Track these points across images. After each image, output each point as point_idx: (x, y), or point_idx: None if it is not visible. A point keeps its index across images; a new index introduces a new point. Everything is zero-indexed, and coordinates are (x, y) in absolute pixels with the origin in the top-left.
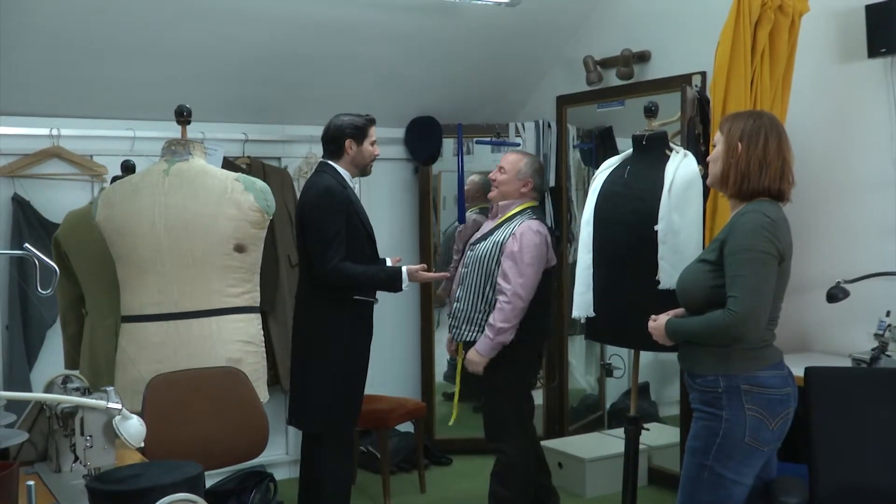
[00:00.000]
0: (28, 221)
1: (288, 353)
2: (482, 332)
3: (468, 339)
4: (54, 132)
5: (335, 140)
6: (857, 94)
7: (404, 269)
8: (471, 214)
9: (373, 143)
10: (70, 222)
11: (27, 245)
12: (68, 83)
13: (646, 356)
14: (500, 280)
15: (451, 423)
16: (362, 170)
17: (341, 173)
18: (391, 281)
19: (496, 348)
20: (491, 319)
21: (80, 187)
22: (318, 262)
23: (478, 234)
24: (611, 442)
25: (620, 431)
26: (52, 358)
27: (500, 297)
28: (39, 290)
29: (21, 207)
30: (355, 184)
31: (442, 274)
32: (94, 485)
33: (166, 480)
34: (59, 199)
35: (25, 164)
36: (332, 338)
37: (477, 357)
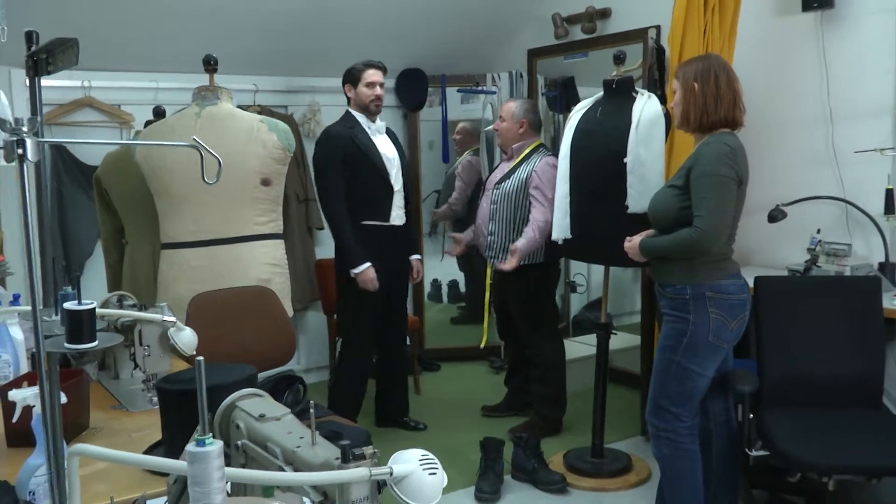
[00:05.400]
0: (65, 164)
1: (297, 278)
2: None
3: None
4: (86, 84)
5: (342, 86)
6: (792, 43)
7: (364, 266)
8: (466, 156)
9: (368, 85)
10: (109, 162)
11: (195, 138)
12: (98, 39)
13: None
14: (533, 210)
15: (482, 346)
16: (364, 109)
17: (355, 116)
18: (350, 258)
19: (533, 247)
20: (531, 231)
21: (109, 133)
22: (321, 202)
23: (499, 175)
24: (576, 347)
25: (583, 338)
26: (92, 285)
27: (539, 218)
28: (206, 179)
29: (59, 152)
30: (379, 125)
31: None
32: (164, 385)
33: (229, 379)
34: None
35: (61, 113)
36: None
37: (518, 253)
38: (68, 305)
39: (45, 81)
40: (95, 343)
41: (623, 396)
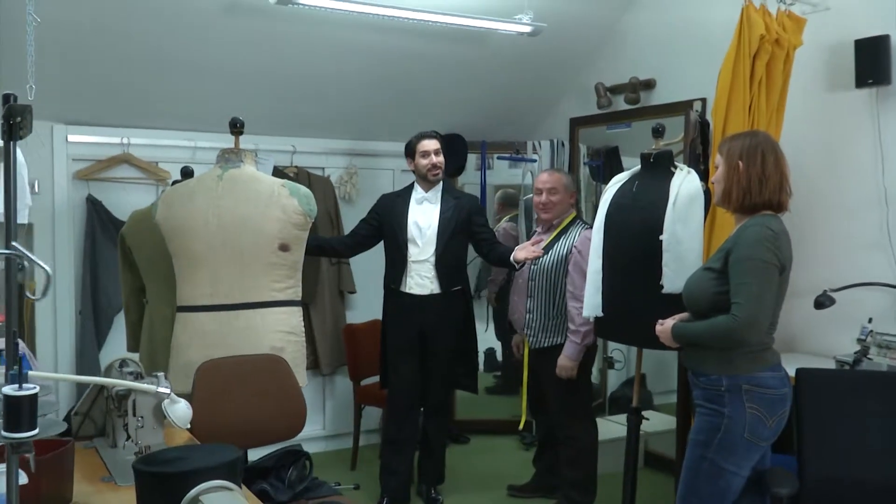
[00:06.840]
0: (100, 219)
1: (325, 339)
2: (557, 336)
3: (544, 345)
4: (124, 140)
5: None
6: (845, 120)
7: None
8: (503, 223)
9: (423, 155)
10: (134, 220)
11: (13, 243)
12: (138, 98)
13: (646, 351)
14: (570, 288)
15: (521, 427)
16: (423, 178)
17: (415, 184)
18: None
19: (583, 351)
20: (573, 326)
21: (146, 190)
22: None
23: None
24: (611, 427)
25: (620, 417)
26: (119, 340)
27: (576, 304)
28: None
29: (94, 207)
30: (431, 194)
31: None
32: (140, 466)
33: (207, 464)
34: (127, 200)
35: (99, 169)
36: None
37: (569, 363)
38: (7, 390)
39: (85, 137)
40: (36, 432)
41: (658, 483)
